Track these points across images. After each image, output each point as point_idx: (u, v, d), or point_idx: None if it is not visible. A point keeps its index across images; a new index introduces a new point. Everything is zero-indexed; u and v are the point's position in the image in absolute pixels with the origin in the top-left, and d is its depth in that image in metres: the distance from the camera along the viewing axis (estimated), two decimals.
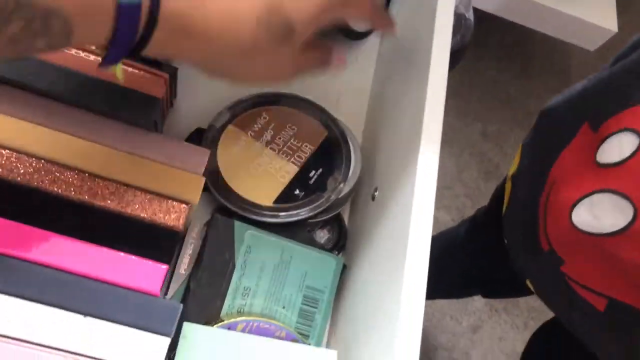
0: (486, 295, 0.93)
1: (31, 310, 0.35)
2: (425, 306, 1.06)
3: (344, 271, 0.49)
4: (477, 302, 1.15)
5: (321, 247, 0.50)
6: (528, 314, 1.17)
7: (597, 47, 1.36)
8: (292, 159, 0.50)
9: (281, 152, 0.50)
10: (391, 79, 0.57)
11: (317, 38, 0.38)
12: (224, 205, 0.47)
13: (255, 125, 0.51)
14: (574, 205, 0.49)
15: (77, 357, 0.35)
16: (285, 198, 0.48)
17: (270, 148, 0.50)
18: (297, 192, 0.48)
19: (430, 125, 0.44)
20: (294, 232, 0.49)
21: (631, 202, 0.45)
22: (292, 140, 0.51)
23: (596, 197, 0.47)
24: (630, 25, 1.49)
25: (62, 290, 0.36)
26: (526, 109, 1.42)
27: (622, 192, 0.45)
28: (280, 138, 0.50)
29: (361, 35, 0.63)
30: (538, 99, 1.44)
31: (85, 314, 0.36)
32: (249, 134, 0.50)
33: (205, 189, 0.49)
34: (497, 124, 1.37)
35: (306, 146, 0.51)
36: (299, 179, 0.49)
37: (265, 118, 0.51)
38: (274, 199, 0.48)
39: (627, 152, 0.45)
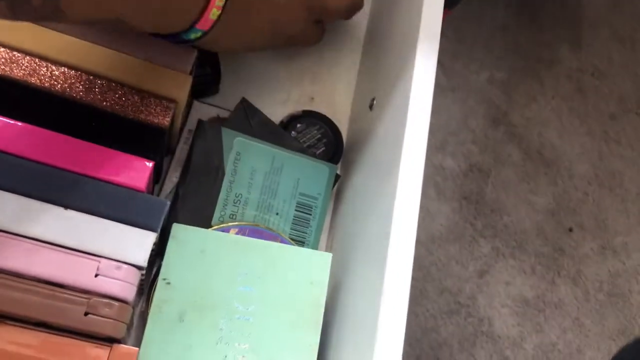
0: None
1: (11, 201, 0.34)
2: (431, 251, 1.06)
3: (339, 180, 0.48)
4: (484, 247, 1.14)
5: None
6: (535, 259, 1.17)
7: None
8: None
9: None
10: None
11: None
12: None
13: None
14: None
15: (58, 248, 0.34)
16: None
17: None
18: None
19: (427, 29, 0.42)
20: (287, 143, 0.47)
21: None
22: None
23: None
24: None
25: (42, 183, 0.35)
26: (536, 58, 1.39)
27: None
28: None
29: None
30: (548, 48, 1.41)
31: (67, 207, 0.35)
32: None
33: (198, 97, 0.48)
34: (505, 72, 1.34)
35: None
36: None
37: None
38: None
39: None
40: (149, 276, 0.41)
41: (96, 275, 0.33)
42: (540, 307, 1.14)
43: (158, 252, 0.40)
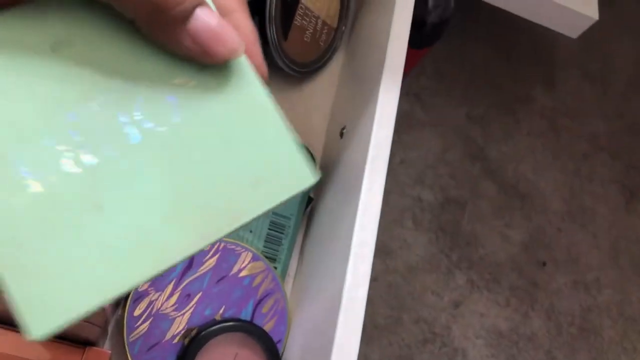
0: None
1: None
2: (407, 281, 1.10)
3: (311, 203, 0.51)
4: (459, 279, 1.17)
5: None
6: (510, 292, 1.19)
7: (579, 34, 1.38)
8: None
9: None
10: (362, 27, 0.58)
11: None
12: None
13: None
14: None
15: None
16: None
17: None
18: None
19: (393, 62, 0.46)
20: None
21: None
22: None
23: None
24: (612, 13, 1.52)
25: None
26: (512, 96, 1.44)
27: None
28: None
29: None
30: (524, 85, 1.46)
31: None
32: None
33: None
34: (483, 108, 1.39)
35: None
36: None
37: None
38: None
39: None
40: None
41: None
42: (514, 339, 1.16)
43: None
